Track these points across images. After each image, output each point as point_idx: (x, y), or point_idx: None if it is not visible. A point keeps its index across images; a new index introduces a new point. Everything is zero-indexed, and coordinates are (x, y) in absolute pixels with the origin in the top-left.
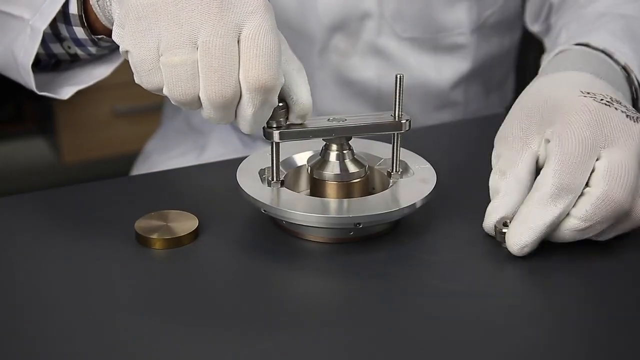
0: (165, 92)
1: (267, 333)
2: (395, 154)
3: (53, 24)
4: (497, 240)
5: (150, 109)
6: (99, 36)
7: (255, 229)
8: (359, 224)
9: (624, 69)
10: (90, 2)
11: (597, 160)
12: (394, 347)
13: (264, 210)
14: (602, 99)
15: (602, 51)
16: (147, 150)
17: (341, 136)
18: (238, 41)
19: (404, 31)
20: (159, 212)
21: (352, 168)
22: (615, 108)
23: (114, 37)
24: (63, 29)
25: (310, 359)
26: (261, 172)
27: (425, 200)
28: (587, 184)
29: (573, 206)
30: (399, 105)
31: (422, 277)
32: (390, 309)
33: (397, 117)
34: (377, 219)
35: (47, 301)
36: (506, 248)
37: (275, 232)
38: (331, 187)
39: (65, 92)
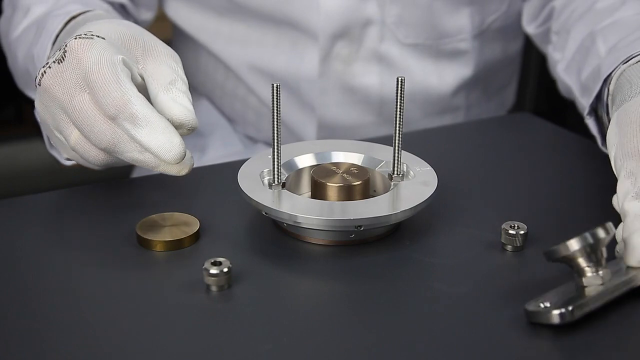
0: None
1: (267, 335)
2: (396, 157)
3: None
4: (501, 241)
5: None
6: None
7: (257, 232)
8: (360, 226)
9: None
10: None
11: None
12: (395, 350)
13: (265, 213)
14: None
15: None
16: None
17: None
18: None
19: (406, 37)
20: (160, 214)
21: None
22: None
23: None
24: None
25: None
26: (262, 175)
27: (426, 202)
28: None
29: None
30: (400, 108)
31: (424, 279)
32: (391, 312)
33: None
34: (379, 222)
35: (48, 303)
36: (508, 250)
37: (276, 234)
38: (332, 190)
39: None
